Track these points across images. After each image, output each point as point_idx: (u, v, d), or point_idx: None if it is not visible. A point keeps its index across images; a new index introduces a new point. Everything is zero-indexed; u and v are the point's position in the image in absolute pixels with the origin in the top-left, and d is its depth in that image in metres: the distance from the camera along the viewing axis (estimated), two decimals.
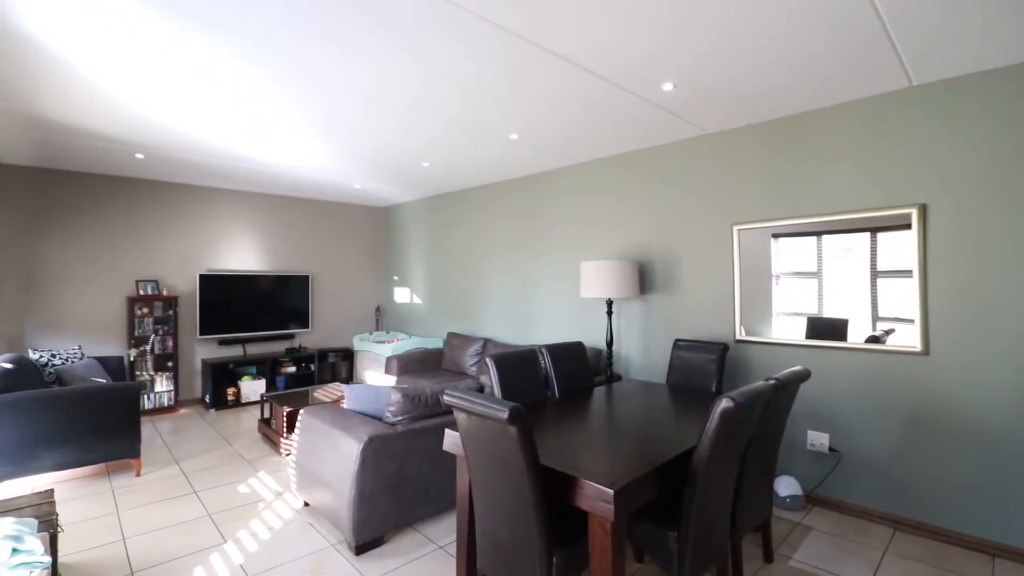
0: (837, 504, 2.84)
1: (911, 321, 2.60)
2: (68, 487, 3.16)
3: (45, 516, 1.90)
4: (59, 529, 1.91)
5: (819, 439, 2.89)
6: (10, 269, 4.45)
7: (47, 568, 1.50)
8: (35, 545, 1.55)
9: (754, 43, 2.13)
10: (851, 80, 2.51)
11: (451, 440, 2.08)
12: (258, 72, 2.48)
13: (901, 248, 2.63)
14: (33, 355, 4.09)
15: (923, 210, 2.55)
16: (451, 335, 5.35)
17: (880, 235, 2.71)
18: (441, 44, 2.17)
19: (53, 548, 1.84)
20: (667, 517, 1.81)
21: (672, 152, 3.63)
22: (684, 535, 1.72)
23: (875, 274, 2.73)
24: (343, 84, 2.61)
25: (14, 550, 1.49)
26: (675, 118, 3.12)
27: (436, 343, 5.70)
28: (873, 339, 2.73)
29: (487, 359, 2.60)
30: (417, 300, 6.42)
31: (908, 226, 2.59)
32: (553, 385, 2.82)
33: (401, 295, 6.77)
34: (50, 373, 3.60)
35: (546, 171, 4.57)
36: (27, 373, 3.19)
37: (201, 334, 5.37)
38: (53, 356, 4.13)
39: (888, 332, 2.70)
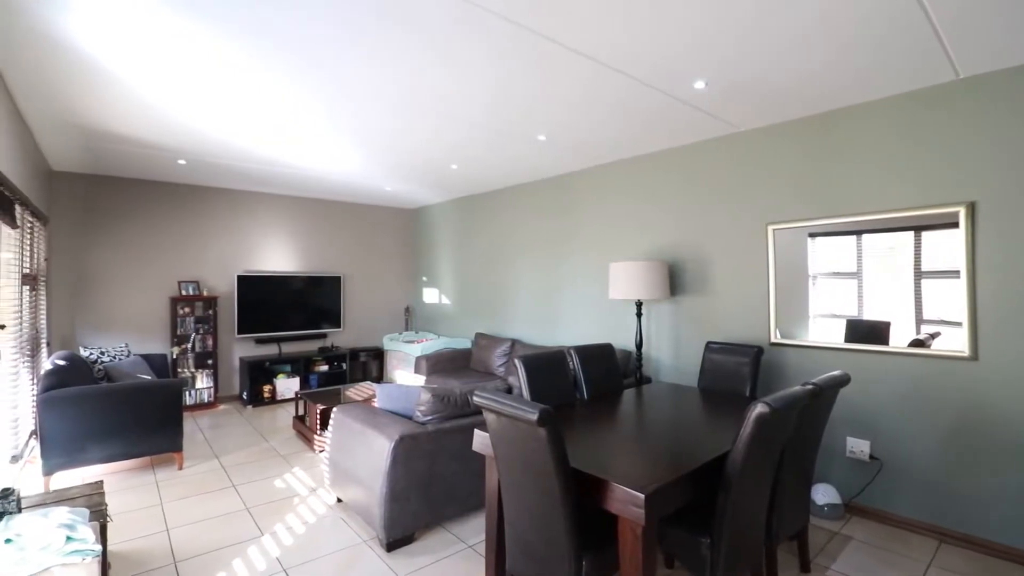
0: (878, 514, 2.74)
1: (958, 324, 2.48)
2: (115, 479, 3.32)
3: (96, 506, 2.00)
4: (108, 519, 2.00)
5: (859, 446, 2.79)
6: (64, 271, 4.69)
7: (98, 556, 1.58)
8: (87, 534, 1.64)
9: (787, 36, 2.08)
10: (892, 74, 2.42)
11: (480, 440, 2.10)
12: (289, 79, 2.55)
13: (947, 247, 2.52)
14: (83, 352, 4.31)
15: (971, 208, 2.43)
16: (479, 335, 5.41)
17: (925, 234, 2.60)
18: (468, 46, 2.18)
19: (103, 537, 1.93)
20: (699, 523, 1.78)
21: (703, 151, 3.56)
22: (717, 542, 1.69)
23: (919, 274, 2.62)
24: (371, 89, 2.67)
25: (68, 538, 1.57)
26: (707, 116, 3.06)
27: (464, 343, 5.76)
28: (917, 343, 2.62)
29: (515, 360, 2.60)
30: (445, 301, 6.47)
31: (955, 224, 2.48)
32: (581, 387, 2.80)
33: (430, 295, 6.82)
34: (99, 370, 3.78)
35: (574, 171, 4.55)
36: (78, 370, 3.36)
37: (239, 333, 5.59)
38: (102, 353, 4.34)
39: (933, 335, 2.59)
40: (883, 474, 2.72)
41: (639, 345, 3.59)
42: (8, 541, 1.48)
